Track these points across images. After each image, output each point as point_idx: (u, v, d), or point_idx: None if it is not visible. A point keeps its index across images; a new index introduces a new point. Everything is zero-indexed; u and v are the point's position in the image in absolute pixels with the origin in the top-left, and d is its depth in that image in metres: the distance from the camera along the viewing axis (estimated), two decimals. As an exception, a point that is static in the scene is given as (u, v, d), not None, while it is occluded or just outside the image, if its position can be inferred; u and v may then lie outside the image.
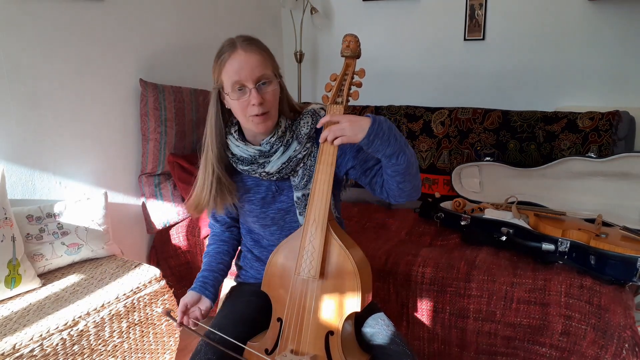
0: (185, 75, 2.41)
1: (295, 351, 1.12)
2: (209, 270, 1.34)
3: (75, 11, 1.88)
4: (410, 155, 1.11)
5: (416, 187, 1.19)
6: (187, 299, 1.26)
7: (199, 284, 1.30)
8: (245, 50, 1.13)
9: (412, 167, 1.14)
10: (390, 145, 1.07)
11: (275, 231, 1.32)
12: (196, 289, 1.29)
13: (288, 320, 1.14)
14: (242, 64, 1.13)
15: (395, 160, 1.10)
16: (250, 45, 1.15)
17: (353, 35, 1.14)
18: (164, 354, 1.78)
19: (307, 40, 3.08)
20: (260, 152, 1.23)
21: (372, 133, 1.05)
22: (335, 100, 1.14)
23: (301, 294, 1.14)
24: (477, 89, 2.66)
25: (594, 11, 2.32)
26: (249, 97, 1.14)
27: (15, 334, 1.33)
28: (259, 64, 1.14)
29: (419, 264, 1.66)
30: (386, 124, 1.08)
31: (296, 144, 1.24)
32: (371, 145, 1.07)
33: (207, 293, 1.29)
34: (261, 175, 1.25)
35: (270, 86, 1.17)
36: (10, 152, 1.73)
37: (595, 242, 1.52)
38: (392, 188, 1.18)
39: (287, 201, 1.29)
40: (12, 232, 1.55)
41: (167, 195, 2.23)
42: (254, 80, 1.14)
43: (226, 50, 1.15)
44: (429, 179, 2.35)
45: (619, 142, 2.01)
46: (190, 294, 1.28)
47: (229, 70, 1.14)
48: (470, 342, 1.60)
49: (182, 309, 1.24)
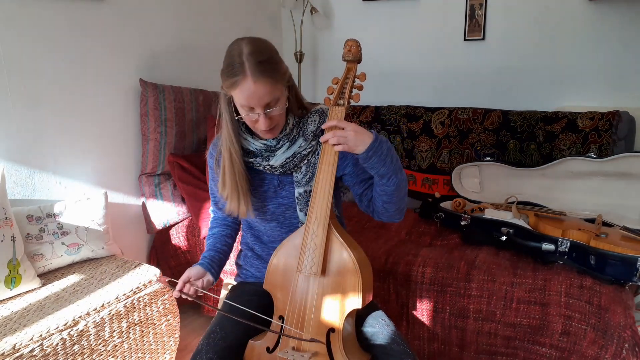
0: (185, 75, 2.41)
1: (296, 348, 1.13)
2: (215, 251, 1.36)
3: (75, 11, 1.89)
4: (400, 180, 1.16)
5: (400, 210, 1.24)
6: (192, 272, 1.26)
7: (207, 261, 1.31)
8: (255, 81, 1.10)
9: (401, 191, 1.19)
10: (385, 165, 1.12)
11: (275, 227, 1.33)
12: (204, 265, 1.30)
13: (289, 318, 1.15)
14: (251, 94, 1.12)
15: (386, 181, 1.15)
16: (261, 75, 1.10)
17: (354, 40, 1.18)
18: (164, 354, 1.78)
19: (307, 40, 3.08)
20: (267, 146, 1.25)
21: (372, 149, 1.09)
22: (337, 102, 1.17)
23: (303, 291, 1.15)
24: (477, 89, 2.66)
25: (594, 11, 2.32)
26: (257, 117, 1.16)
27: (15, 334, 1.33)
28: (267, 93, 1.12)
29: (419, 264, 1.66)
30: (386, 144, 1.12)
31: (302, 140, 1.25)
32: (368, 160, 1.11)
33: (212, 271, 1.30)
34: (265, 168, 1.27)
35: (278, 107, 1.17)
36: (10, 152, 1.73)
37: (595, 242, 1.52)
38: (377, 205, 1.23)
39: (288, 196, 1.30)
40: (12, 232, 1.55)
41: (167, 195, 2.23)
42: (262, 107, 1.14)
43: (237, 72, 1.11)
44: (429, 179, 2.35)
45: (619, 142, 2.01)
46: (197, 268, 1.28)
47: (239, 95, 1.14)
48: (470, 342, 1.60)
49: (185, 279, 1.24)
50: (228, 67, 1.14)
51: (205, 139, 2.38)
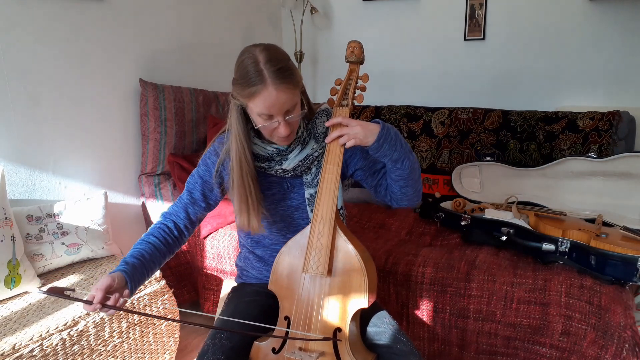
0: (185, 75, 2.41)
1: (303, 349, 1.13)
2: (139, 259, 1.15)
3: (75, 11, 1.88)
4: (413, 161, 1.18)
5: (417, 192, 1.25)
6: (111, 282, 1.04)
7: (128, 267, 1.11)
8: (276, 89, 1.08)
9: (415, 172, 1.20)
10: (397, 150, 1.14)
11: (283, 228, 1.32)
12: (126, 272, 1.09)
13: (296, 318, 1.15)
14: (273, 102, 1.09)
15: (400, 165, 1.16)
16: (281, 82, 1.08)
17: (357, 41, 1.18)
18: (164, 354, 1.78)
19: (307, 40, 3.08)
20: (278, 150, 1.23)
21: (382, 137, 1.11)
22: (340, 103, 1.18)
23: (309, 291, 1.15)
24: (477, 89, 2.66)
25: (594, 11, 2.32)
26: (277, 125, 1.13)
27: (15, 334, 1.33)
28: (288, 99, 1.11)
29: (419, 264, 1.66)
30: (393, 130, 1.14)
31: (313, 143, 1.25)
32: (380, 149, 1.13)
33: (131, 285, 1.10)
34: (277, 172, 1.25)
35: (296, 112, 1.15)
36: (10, 152, 1.73)
37: (595, 242, 1.52)
38: (395, 192, 1.23)
39: (297, 198, 1.30)
40: (11, 232, 1.55)
41: (167, 195, 2.22)
42: (283, 115, 1.12)
43: (256, 82, 1.08)
44: (429, 179, 2.35)
45: (619, 142, 2.01)
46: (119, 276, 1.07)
47: (259, 104, 1.10)
48: (471, 342, 1.60)
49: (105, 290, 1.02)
50: (244, 77, 1.10)
51: (205, 138, 2.38)
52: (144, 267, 1.15)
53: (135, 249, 1.18)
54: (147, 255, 1.17)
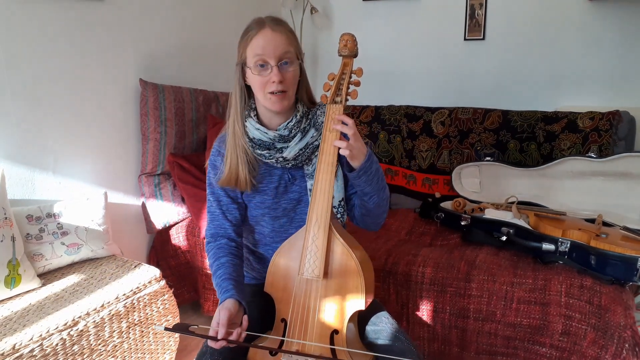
0: (185, 75, 2.41)
1: (300, 351, 1.12)
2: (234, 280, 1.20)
3: (75, 11, 1.88)
4: (381, 199, 1.22)
5: (376, 224, 1.31)
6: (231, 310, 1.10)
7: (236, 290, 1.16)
8: (272, 30, 1.17)
9: (379, 209, 1.25)
10: (371, 185, 1.18)
11: (285, 223, 1.31)
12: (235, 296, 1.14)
13: (292, 321, 1.14)
14: (267, 41, 1.16)
15: (367, 199, 1.21)
16: (278, 25, 1.19)
17: (350, 34, 1.15)
18: (164, 354, 1.78)
19: (307, 40, 3.08)
20: (280, 136, 1.23)
21: (364, 168, 1.14)
22: (334, 99, 1.15)
23: (305, 294, 1.14)
24: (477, 89, 2.66)
25: (594, 11, 2.32)
26: (269, 74, 1.17)
27: (15, 334, 1.33)
28: (283, 43, 1.17)
29: (419, 264, 1.66)
30: (375, 164, 1.17)
31: (313, 131, 1.26)
32: (357, 178, 1.16)
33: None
34: (277, 160, 1.25)
35: (292, 66, 1.19)
36: (10, 152, 1.73)
37: (595, 242, 1.52)
38: (356, 212, 1.31)
39: (298, 190, 1.30)
40: (11, 232, 1.55)
41: (167, 195, 2.22)
42: (276, 58, 1.16)
43: (254, 28, 1.19)
44: (429, 179, 2.35)
45: (619, 142, 2.01)
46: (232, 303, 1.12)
47: (254, 45, 1.17)
48: (471, 342, 1.60)
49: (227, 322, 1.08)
50: (246, 29, 1.21)
51: (205, 138, 2.37)
52: (240, 284, 1.21)
53: (222, 273, 1.21)
54: (234, 273, 1.22)
